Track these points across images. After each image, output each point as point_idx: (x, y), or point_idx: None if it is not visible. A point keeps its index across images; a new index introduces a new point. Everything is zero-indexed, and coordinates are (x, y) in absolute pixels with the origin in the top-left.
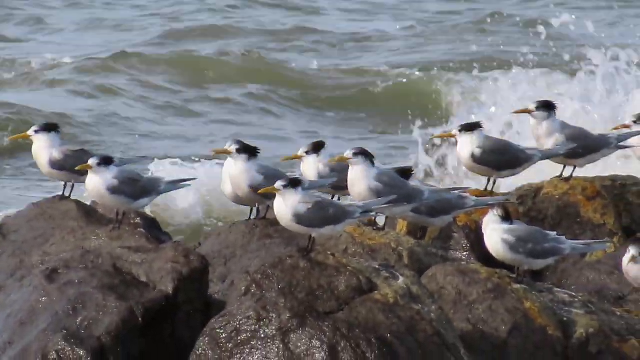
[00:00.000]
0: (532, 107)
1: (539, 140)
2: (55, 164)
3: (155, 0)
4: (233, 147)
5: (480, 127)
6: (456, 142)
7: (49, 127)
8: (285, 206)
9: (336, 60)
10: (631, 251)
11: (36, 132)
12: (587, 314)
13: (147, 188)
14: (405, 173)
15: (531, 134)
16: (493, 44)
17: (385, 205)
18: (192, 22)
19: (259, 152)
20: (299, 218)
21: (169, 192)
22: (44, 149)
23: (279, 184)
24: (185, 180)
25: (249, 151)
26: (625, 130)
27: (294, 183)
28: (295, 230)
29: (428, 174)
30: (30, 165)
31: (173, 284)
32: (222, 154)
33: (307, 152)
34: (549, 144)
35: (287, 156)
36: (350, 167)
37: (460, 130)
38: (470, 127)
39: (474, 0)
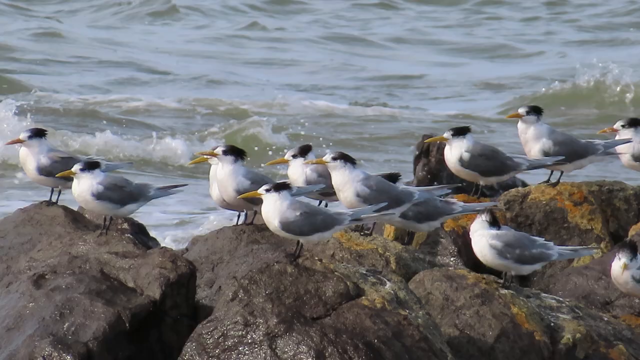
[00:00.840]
0: (522, 111)
1: (526, 145)
2: (42, 170)
3: None
4: (219, 149)
5: (470, 131)
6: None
7: (40, 133)
8: (273, 212)
9: None
10: (622, 259)
11: (29, 137)
12: (574, 319)
13: (134, 194)
14: (393, 178)
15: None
16: None
17: (374, 215)
18: None
19: (245, 156)
20: (287, 225)
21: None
22: (32, 155)
23: (262, 189)
24: (176, 187)
25: (235, 153)
26: (618, 137)
27: (278, 187)
28: (283, 236)
29: None
30: None
31: (160, 290)
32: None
33: (293, 156)
34: (535, 148)
35: (272, 160)
36: (332, 173)
37: (452, 135)
38: (462, 131)
39: None
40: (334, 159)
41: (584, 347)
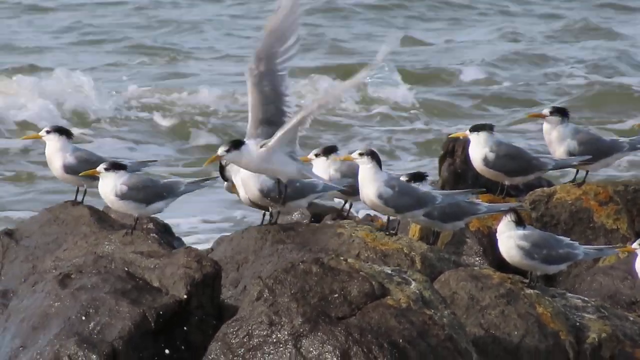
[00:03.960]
0: (546, 111)
1: (551, 145)
2: (69, 169)
3: None
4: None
5: (492, 128)
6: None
7: (61, 130)
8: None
9: None
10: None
11: (48, 132)
12: (600, 318)
13: (160, 193)
14: (419, 178)
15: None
16: None
17: None
18: None
19: None
20: None
21: None
22: (57, 152)
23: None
24: (207, 180)
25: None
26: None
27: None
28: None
29: None
30: None
31: (185, 289)
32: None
33: (316, 155)
34: (560, 149)
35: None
36: (360, 168)
37: (471, 131)
38: (481, 128)
39: None
40: (361, 154)
41: (610, 346)
